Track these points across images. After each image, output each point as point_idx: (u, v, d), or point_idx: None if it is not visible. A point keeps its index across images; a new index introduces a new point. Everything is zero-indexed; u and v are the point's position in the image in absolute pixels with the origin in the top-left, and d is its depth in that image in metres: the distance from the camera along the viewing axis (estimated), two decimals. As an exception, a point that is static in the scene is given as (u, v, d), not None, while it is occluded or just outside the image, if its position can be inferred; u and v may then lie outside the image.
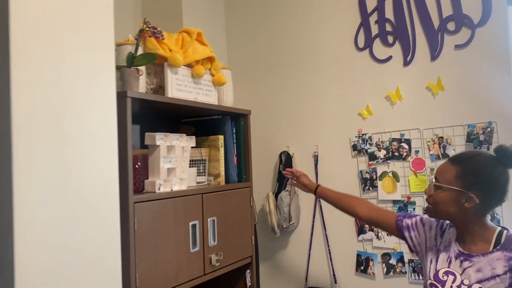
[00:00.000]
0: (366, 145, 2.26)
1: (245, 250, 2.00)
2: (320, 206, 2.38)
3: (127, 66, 1.48)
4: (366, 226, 2.24)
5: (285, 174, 1.99)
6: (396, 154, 2.19)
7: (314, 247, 2.39)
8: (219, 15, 2.64)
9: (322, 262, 2.37)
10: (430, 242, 1.45)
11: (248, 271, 2.04)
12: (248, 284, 2.03)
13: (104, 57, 1.22)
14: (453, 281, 1.33)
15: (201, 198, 1.75)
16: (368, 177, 2.25)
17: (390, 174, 2.20)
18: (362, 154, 2.27)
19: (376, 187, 2.22)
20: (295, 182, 1.94)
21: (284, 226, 2.34)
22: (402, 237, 1.53)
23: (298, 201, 2.43)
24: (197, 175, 1.95)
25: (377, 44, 2.25)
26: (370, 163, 2.25)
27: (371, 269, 2.23)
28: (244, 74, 2.63)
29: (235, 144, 2.07)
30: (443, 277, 1.36)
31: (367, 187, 2.25)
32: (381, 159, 2.22)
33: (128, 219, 1.39)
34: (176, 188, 1.68)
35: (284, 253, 2.48)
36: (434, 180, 1.36)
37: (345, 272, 2.31)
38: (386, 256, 2.19)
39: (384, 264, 2.20)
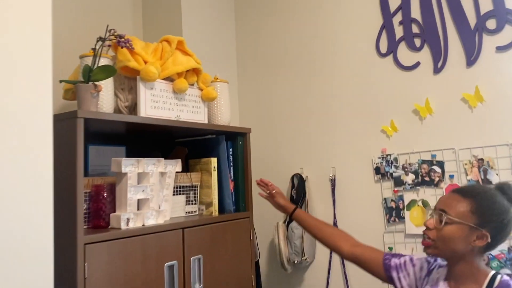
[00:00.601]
0: (391, 167, 1.92)
1: (243, 292, 1.71)
2: (339, 238, 2.05)
3: (84, 81, 1.26)
4: (392, 264, 1.88)
5: (257, 184, 1.67)
6: (427, 179, 1.82)
7: (332, 286, 2.05)
8: (228, 22, 2.40)
9: (341, 304, 2.03)
10: (419, 283, 1.37)
11: (247, 317, 1.75)
12: (248, 332, 1.73)
13: (38, 71, 1.00)
14: None
15: (181, 233, 1.48)
16: (394, 206, 1.90)
17: (420, 203, 1.83)
18: (386, 178, 1.93)
19: (404, 218, 1.86)
20: (267, 195, 1.65)
21: (296, 261, 2.02)
22: (389, 278, 1.42)
23: (313, 231, 2.11)
24: (187, 204, 1.70)
25: (402, 49, 1.92)
26: (396, 189, 1.89)
27: (398, 316, 1.86)
28: (252, 87, 2.37)
29: (231, 168, 1.80)
30: None
31: (392, 218, 1.89)
32: (408, 184, 1.86)
33: (76, 264, 1.15)
34: (151, 222, 1.43)
35: (300, 291, 2.16)
36: (441, 213, 1.24)
37: (368, 318, 1.96)
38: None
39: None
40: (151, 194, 1.45)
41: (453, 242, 1.24)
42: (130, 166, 1.38)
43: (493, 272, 1.27)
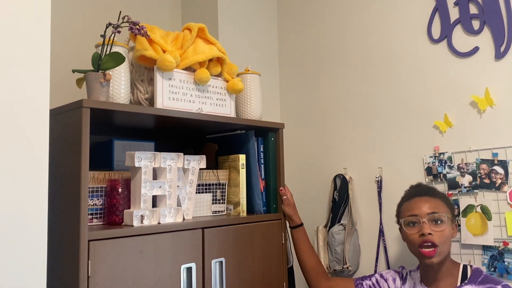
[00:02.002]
0: (445, 168, 1.68)
1: (273, 301, 1.58)
2: (385, 246, 1.84)
3: (94, 70, 1.21)
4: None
5: (280, 191, 1.68)
6: (487, 181, 1.57)
7: (377, 299, 1.85)
8: (270, 14, 2.29)
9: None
10: None
11: (278, 328, 1.61)
12: None
13: (35, 61, 0.96)
14: None
15: (201, 233, 1.39)
16: (448, 211, 1.66)
17: (478, 209, 1.58)
18: (439, 180, 1.70)
19: (459, 226, 1.62)
20: (285, 198, 1.67)
21: (337, 269, 1.85)
22: None
23: (357, 238, 1.92)
24: (213, 203, 1.60)
25: (458, 33, 1.68)
26: (450, 192, 1.66)
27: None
28: (295, 82, 2.23)
29: (262, 166, 1.68)
30: None
31: (445, 225, 1.66)
32: (465, 187, 1.62)
33: (78, 261, 1.09)
34: (168, 220, 1.35)
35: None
36: (435, 214, 1.35)
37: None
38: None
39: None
40: (169, 191, 1.36)
41: (449, 240, 1.36)
42: (145, 160, 1.30)
43: (462, 263, 1.39)
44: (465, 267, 1.38)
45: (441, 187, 1.67)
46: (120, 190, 1.31)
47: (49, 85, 0.99)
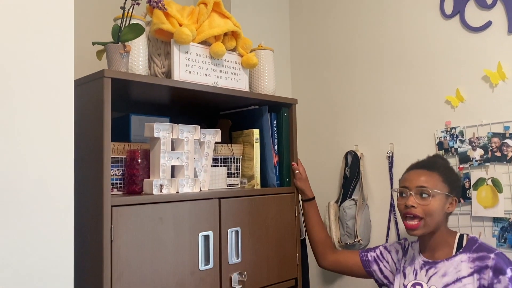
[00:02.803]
0: (456, 142, 1.70)
1: (287, 271, 1.62)
2: (396, 221, 1.87)
3: (114, 41, 1.24)
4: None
5: (293, 166, 1.71)
6: (498, 154, 1.59)
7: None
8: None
9: (398, 292, 1.85)
10: (398, 265, 1.49)
11: (292, 297, 1.65)
12: (292, 313, 1.64)
13: (59, 30, 0.99)
14: None
15: (217, 203, 1.42)
16: (459, 185, 1.68)
17: (489, 182, 1.61)
18: (450, 154, 1.72)
19: (470, 199, 1.64)
20: (297, 172, 1.71)
21: (348, 243, 1.88)
22: (370, 273, 1.55)
23: (368, 213, 1.96)
24: (228, 176, 1.64)
25: (470, 7, 1.69)
26: (461, 166, 1.68)
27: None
28: (306, 59, 2.25)
29: (276, 140, 1.71)
30: None
31: (456, 199, 1.68)
32: (476, 161, 1.64)
33: (102, 226, 1.14)
34: (186, 190, 1.38)
35: (350, 279, 2.01)
36: (423, 188, 1.36)
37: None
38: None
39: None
40: (187, 162, 1.40)
41: (437, 213, 1.36)
42: (164, 132, 1.34)
43: (459, 233, 1.41)
44: (461, 236, 1.40)
45: (453, 161, 1.69)
46: (139, 160, 1.34)
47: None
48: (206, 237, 1.38)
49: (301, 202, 1.75)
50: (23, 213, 0.92)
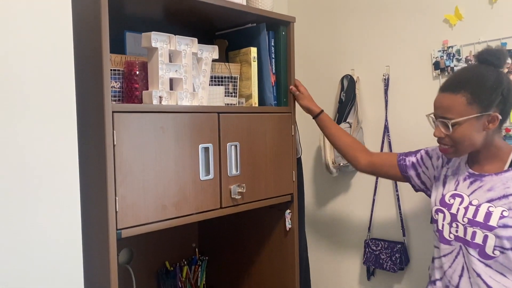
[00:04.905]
0: (453, 61, 1.71)
1: (283, 187, 1.67)
2: (389, 142, 1.92)
3: None
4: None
5: (291, 88, 1.70)
6: (493, 71, 1.61)
7: (380, 191, 1.95)
8: None
9: (390, 210, 1.93)
10: (437, 172, 1.40)
11: (288, 211, 1.72)
12: (288, 226, 1.71)
13: None
14: (460, 203, 1.26)
15: (217, 117, 1.44)
16: (453, 104, 1.71)
17: (483, 99, 1.63)
18: (446, 73, 1.73)
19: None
20: (298, 93, 1.69)
21: (342, 164, 1.93)
22: (407, 178, 1.47)
23: (362, 136, 1.99)
24: (226, 96, 1.64)
25: None
26: (456, 85, 1.70)
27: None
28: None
29: (273, 60, 1.70)
30: (449, 200, 1.30)
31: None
32: (471, 79, 1.66)
33: (104, 131, 1.15)
34: (185, 103, 1.39)
35: (344, 197, 2.08)
36: (443, 120, 1.22)
37: (417, 223, 1.85)
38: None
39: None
40: (185, 75, 1.40)
41: (468, 139, 1.22)
42: (161, 42, 1.32)
43: None
44: None
45: (448, 80, 1.71)
46: (137, 72, 1.34)
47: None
48: (206, 149, 1.41)
49: (313, 120, 1.70)
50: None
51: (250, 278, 1.84)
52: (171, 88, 1.38)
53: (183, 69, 1.39)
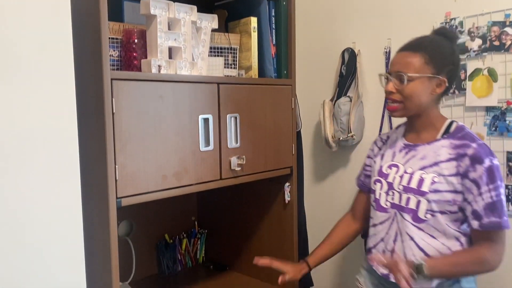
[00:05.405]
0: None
1: (283, 160, 1.67)
2: (389, 118, 1.91)
3: None
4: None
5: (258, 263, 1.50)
6: (497, 43, 1.59)
7: (379, 166, 1.95)
8: None
9: (388, 184, 1.93)
10: (380, 152, 1.47)
11: (287, 184, 1.72)
12: (287, 199, 1.72)
13: None
14: (396, 172, 1.35)
15: (216, 88, 1.42)
16: (455, 77, 1.69)
17: (485, 72, 1.62)
18: (448, 47, 1.71)
19: (464, 90, 1.67)
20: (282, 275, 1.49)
21: (341, 138, 1.93)
22: (371, 190, 1.47)
23: (362, 110, 1.98)
24: (225, 67, 1.62)
25: None
26: (458, 58, 1.68)
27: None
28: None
29: (273, 31, 1.67)
30: (386, 170, 1.38)
31: (451, 90, 1.70)
32: (474, 51, 1.64)
33: (103, 98, 1.14)
34: (184, 72, 1.37)
35: (343, 171, 2.08)
36: (400, 74, 1.29)
37: (416, 198, 1.85)
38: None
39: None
40: (184, 44, 1.37)
41: (417, 96, 1.30)
42: (160, 9, 1.30)
43: (450, 120, 1.37)
44: (451, 123, 1.35)
45: (450, 53, 1.69)
46: (136, 41, 1.31)
47: None
48: (206, 120, 1.39)
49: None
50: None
51: (249, 251, 1.86)
52: (170, 57, 1.36)
53: (182, 38, 1.37)
